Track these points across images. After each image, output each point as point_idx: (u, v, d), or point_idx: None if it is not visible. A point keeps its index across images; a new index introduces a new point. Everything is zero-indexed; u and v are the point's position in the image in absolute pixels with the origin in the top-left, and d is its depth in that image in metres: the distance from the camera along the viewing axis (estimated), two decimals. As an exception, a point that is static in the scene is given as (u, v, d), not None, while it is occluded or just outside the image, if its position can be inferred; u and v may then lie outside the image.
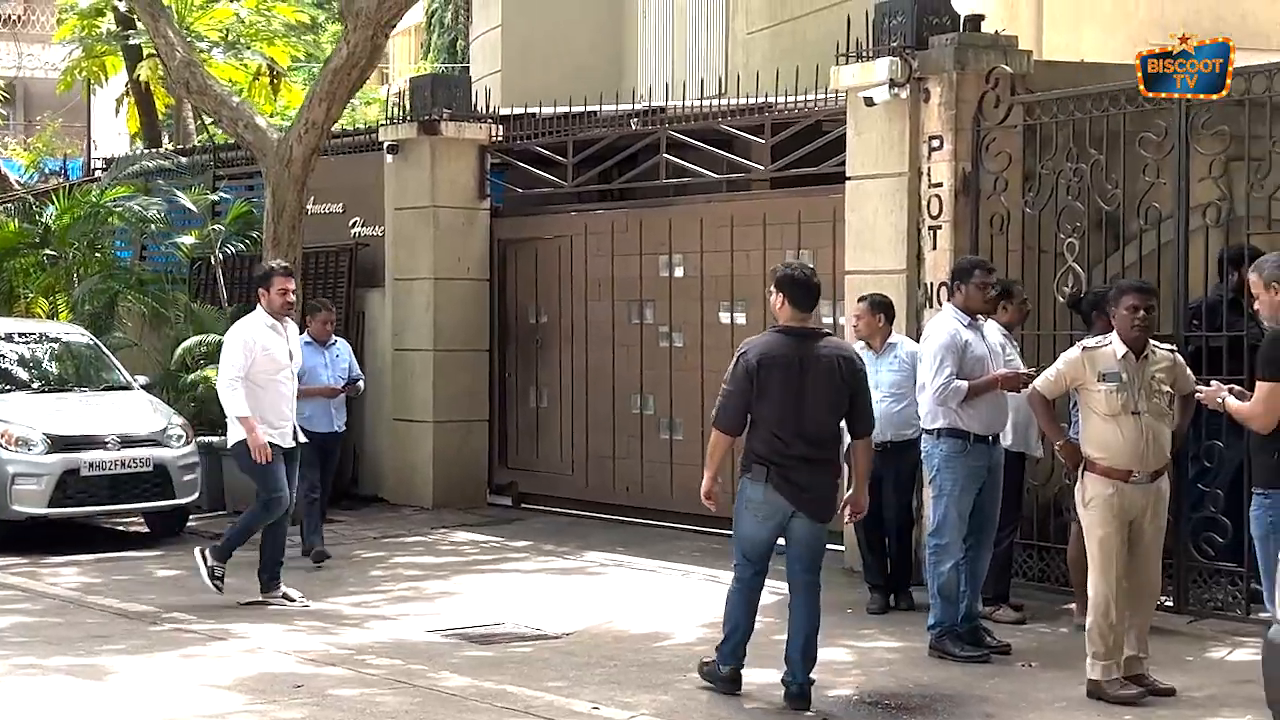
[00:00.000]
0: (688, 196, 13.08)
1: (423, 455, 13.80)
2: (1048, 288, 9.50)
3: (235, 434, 9.58)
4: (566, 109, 13.28)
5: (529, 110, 13.82)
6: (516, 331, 14.10)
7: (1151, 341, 7.40)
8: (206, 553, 9.64)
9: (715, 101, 12.85)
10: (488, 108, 14.22)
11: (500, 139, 14.05)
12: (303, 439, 9.89)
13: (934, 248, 10.11)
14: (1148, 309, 7.34)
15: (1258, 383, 6.93)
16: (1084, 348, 7.43)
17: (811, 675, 7.31)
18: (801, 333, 7.28)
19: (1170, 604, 8.85)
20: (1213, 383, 7.32)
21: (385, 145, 14.07)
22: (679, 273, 12.75)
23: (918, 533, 9.61)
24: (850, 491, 7.50)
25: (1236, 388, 7.12)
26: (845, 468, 7.51)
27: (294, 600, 9.67)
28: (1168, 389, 7.37)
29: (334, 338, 11.43)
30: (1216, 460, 8.72)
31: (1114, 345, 7.34)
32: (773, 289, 7.34)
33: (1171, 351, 7.53)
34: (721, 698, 7.46)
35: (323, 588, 10.29)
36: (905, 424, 8.99)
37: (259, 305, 9.71)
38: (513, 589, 10.39)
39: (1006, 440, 8.60)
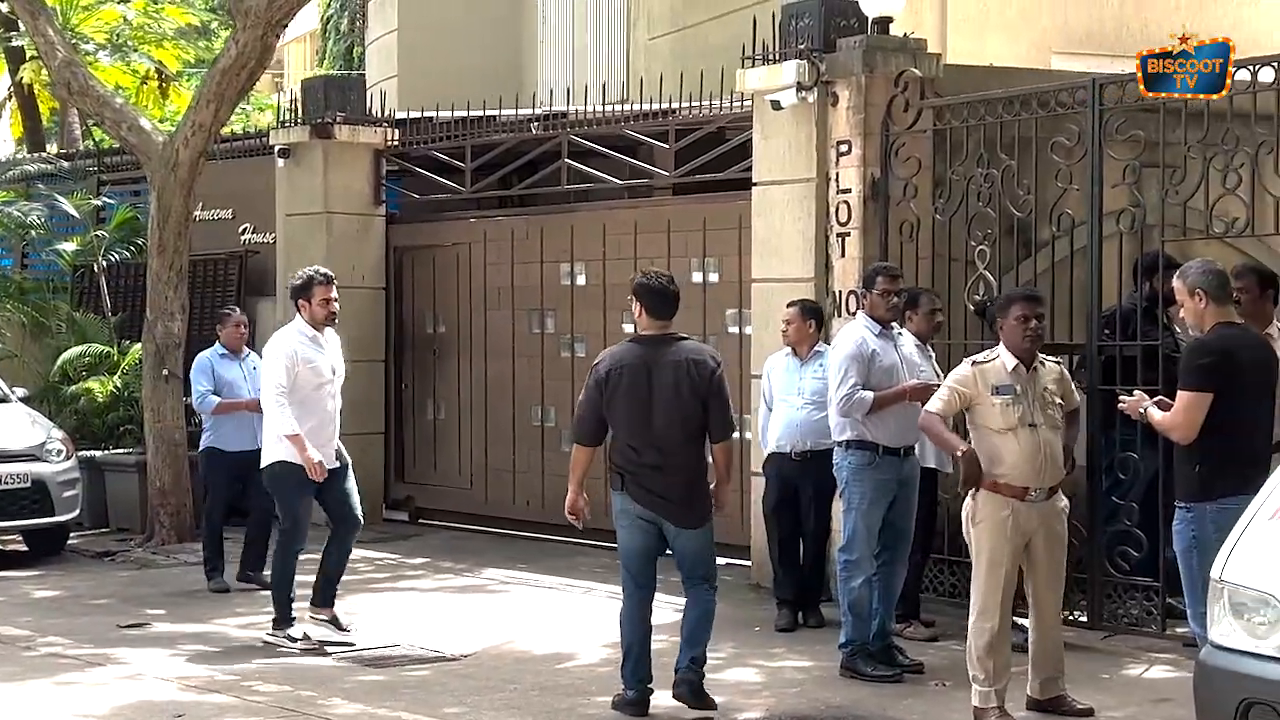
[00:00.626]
0: (590, 203, 12.81)
1: (316, 469, 13.36)
2: (959, 296, 9.30)
3: (270, 454, 8.84)
4: (465, 113, 12.96)
5: (426, 114, 13.48)
6: (413, 341, 13.74)
7: (1039, 353, 7.15)
8: (275, 633, 8.79)
9: (618, 106, 12.59)
10: (383, 111, 13.85)
11: (396, 143, 13.69)
12: (341, 461, 8.96)
13: (842, 255, 9.88)
14: (1038, 318, 7.11)
15: (1178, 393, 6.77)
16: (974, 363, 7.13)
17: (702, 672, 7.20)
18: (653, 340, 7.21)
19: (1085, 620, 8.70)
20: (1135, 393, 7.14)
21: (276, 149, 13.66)
22: (581, 281, 12.47)
23: (830, 547, 9.36)
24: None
25: (1163, 399, 6.93)
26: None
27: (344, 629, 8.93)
28: (1059, 401, 7.14)
29: (246, 350, 10.92)
30: (1131, 472, 8.56)
31: (1003, 358, 7.04)
32: (631, 298, 7.30)
33: (1059, 364, 7.29)
34: (627, 721, 7.19)
35: (208, 609, 9.88)
36: (825, 433, 8.66)
37: (298, 316, 8.92)
38: (409, 608, 10.02)
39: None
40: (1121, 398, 7.18)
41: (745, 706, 7.44)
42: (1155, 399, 6.93)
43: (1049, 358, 7.26)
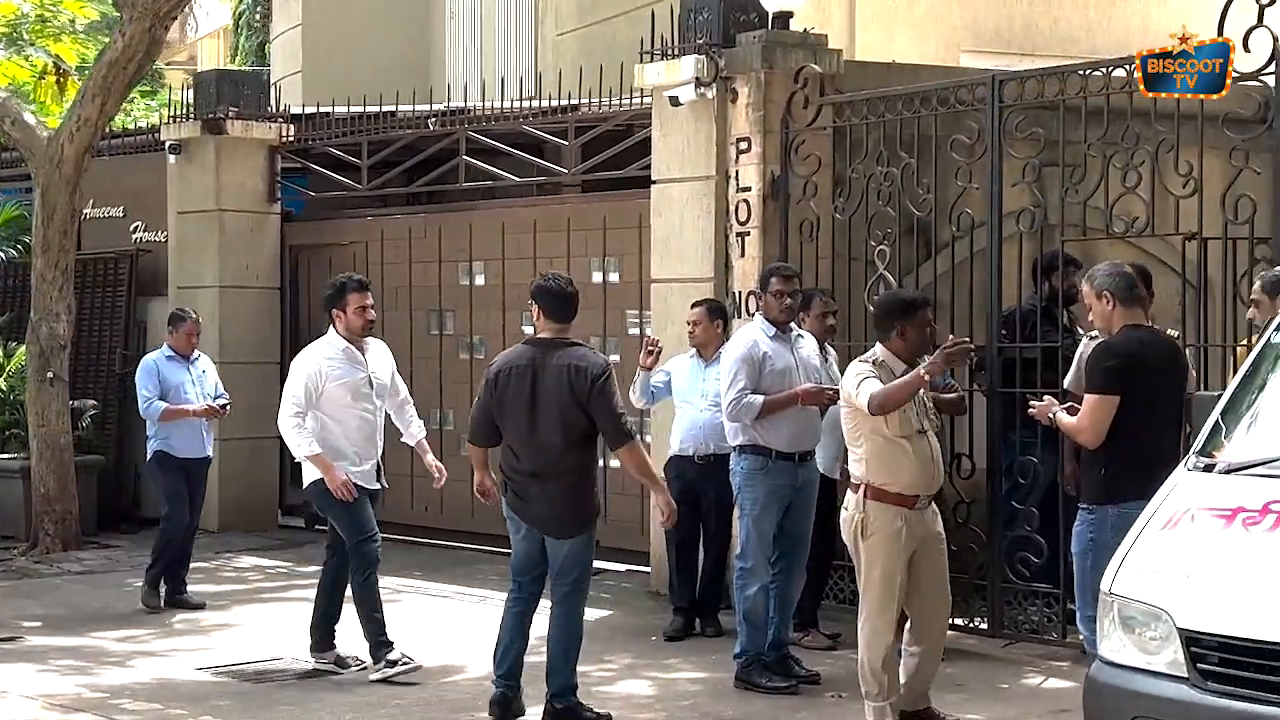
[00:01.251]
0: (488, 201, 12.52)
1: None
2: (859, 296, 9.11)
3: (310, 473, 8.14)
4: (362, 109, 12.63)
5: (322, 109, 13.14)
6: (309, 343, 13.29)
7: None
8: (380, 669, 7.99)
9: (518, 103, 12.31)
10: (278, 106, 13.49)
11: (292, 139, 13.33)
12: (382, 484, 8.34)
13: (742, 255, 9.67)
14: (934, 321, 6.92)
15: (1085, 396, 6.61)
16: (873, 362, 6.85)
17: (571, 699, 6.96)
18: (545, 344, 7.04)
19: (985, 627, 8.53)
20: (1045, 397, 6.97)
21: (167, 145, 13.28)
22: (480, 281, 12.18)
23: (731, 554, 9.13)
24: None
25: (1073, 405, 6.76)
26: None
27: (349, 666, 8.24)
28: (933, 406, 6.94)
29: (196, 352, 10.37)
30: (1030, 476, 8.40)
31: (889, 363, 6.69)
32: (530, 301, 7.14)
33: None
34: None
35: (87, 622, 9.52)
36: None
37: (331, 328, 8.23)
38: (297, 620, 9.60)
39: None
40: (1031, 403, 7.01)
41: (634, 721, 7.21)
42: (1066, 405, 6.76)
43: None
